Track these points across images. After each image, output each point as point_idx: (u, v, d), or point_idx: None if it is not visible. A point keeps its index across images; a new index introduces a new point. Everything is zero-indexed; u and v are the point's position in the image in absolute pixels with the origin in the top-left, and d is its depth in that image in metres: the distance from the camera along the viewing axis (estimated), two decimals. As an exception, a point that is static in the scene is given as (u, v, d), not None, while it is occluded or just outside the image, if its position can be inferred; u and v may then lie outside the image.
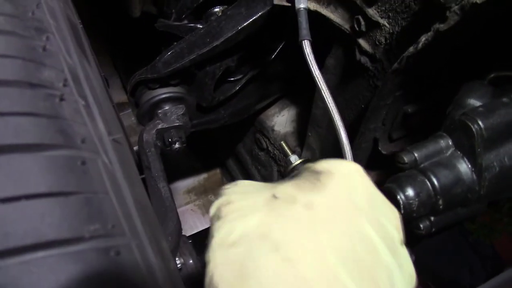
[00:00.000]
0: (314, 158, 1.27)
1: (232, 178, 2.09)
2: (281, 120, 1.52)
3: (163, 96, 1.10)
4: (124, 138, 0.48)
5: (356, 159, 0.97)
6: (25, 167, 0.34)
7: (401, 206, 0.56)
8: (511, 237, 4.19)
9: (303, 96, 1.45)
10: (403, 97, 0.88)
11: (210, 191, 2.26)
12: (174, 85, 1.12)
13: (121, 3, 1.25)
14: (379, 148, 0.99)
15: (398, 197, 0.56)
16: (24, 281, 0.30)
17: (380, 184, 1.02)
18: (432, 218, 0.59)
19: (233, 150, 1.86)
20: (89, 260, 0.32)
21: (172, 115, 1.10)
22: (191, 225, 2.16)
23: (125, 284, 0.33)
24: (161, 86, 1.11)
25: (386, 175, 1.04)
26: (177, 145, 1.08)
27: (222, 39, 1.03)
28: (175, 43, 1.10)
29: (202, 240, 1.05)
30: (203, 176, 2.21)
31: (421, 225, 0.59)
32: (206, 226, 2.11)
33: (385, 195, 0.59)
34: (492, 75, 0.69)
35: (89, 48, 0.53)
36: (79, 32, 0.53)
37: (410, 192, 0.56)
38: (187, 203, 2.21)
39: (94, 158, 0.39)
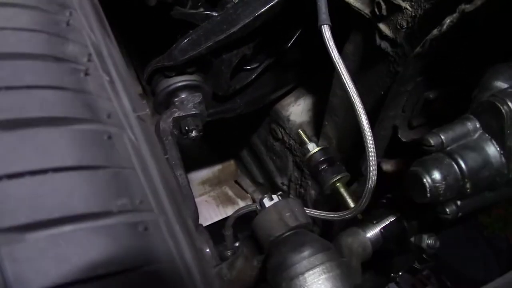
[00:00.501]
0: (331, 147, 1.26)
1: (246, 170, 2.09)
2: (297, 109, 1.51)
3: (180, 84, 1.09)
4: (148, 116, 0.48)
5: (375, 146, 0.96)
6: (51, 140, 0.33)
7: (428, 190, 0.55)
8: (526, 230, 4.13)
9: (319, 85, 1.44)
10: (424, 83, 0.87)
11: (225, 183, 2.26)
12: (191, 73, 1.12)
13: (136, -8, 1.24)
14: (399, 136, 0.97)
15: (425, 180, 0.55)
16: (51, 254, 0.29)
17: (399, 173, 1.01)
18: (458, 203, 0.57)
19: (247, 141, 1.85)
20: (118, 235, 0.32)
21: (189, 103, 1.10)
22: (206, 216, 2.16)
23: (153, 259, 0.33)
24: (178, 74, 1.10)
25: (405, 163, 1.02)
26: (194, 133, 1.08)
27: (239, 26, 1.02)
28: (191, 31, 1.09)
29: (216, 231, 1.05)
30: (217, 168, 2.21)
31: (448, 210, 0.58)
32: (221, 217, 2.11)
33: (411, 179, 0.58)
34: (519, 58, 0.67)
35: (109, 27, 0.52)
36: (100, 10, 0.53)
37: (436, 175, 0.55)
38: (202, 194, 2.21)
39: (120, 133, 0.38)
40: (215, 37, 1.03)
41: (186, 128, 1.08)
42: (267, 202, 0.66)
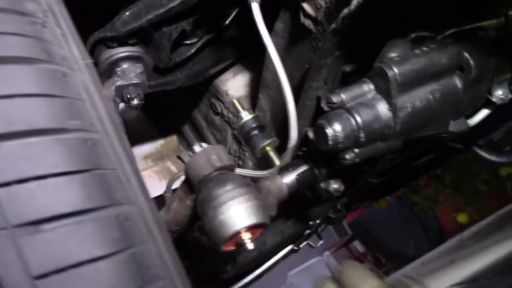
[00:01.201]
0: (266, 119, 1.36)
1: (188, 144, 2.15)
2: (235, 84, 1.60)
3: (122, 54, 1.15)
4: (93, 65, 0.56)
5: (300, 116, 1.08)
6: (17, 73, 0.41)
7: (329, 138, 0.67)
8: (452, 208, 4.48)
9: (257, 61, 1.53)
10: (342, 57, 0.99)
11: (167, 158, 2.31)
12: (132, 45, 1.18)
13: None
14: (321, 105, 1.09)
15: (327, 130, 0.67)
16: (23, 155, 0.38)
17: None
18: (356, 150, 0.70)
19: (189, 116, 1.91)
20: (73, 146, 0.41)
21: (131, 73, 1.16)
22: (149, 191, 2.20)
23: (100, 165, 0.42)
24: (120, 45, 1.16)
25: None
26: (135, 101, 1.15)
27: (178, 1, 1.09)
28: (132, 4, 1.15)
29: (159, 205, 1.13)
30: (159, 143, 2.24)
31: (347, 156, 0.70)
32: (163, 192, 2.16)
33: (317, 130, 0.70)
34: (412, 35, 0.80)
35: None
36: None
37: (336, 126, 0.67)
38: (144, 169, 2.25)
39: (72, 73, 0.46)
40: (155, 10, 1.10)
41: (128, 96, 1.15)
42: (197, 149, 0.76)
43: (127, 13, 1.09)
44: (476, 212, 3.94)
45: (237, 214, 0.62)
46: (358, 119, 0.67)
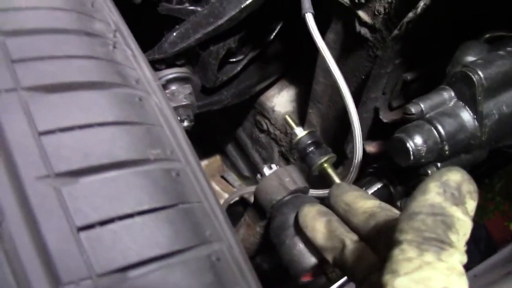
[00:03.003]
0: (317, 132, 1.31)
1: (232, 164, 2.12)
2: (281, 100, 1.56)
3: (171, 76, 1.13)
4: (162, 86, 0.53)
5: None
6: (93, 100, 0.38)
7: (411, 153, 0.61)
8: (503, 216, 4.28)
9: (302, 76, 1.49)
10: (403, 65, 0.93)
11: (211, 178, 2.29)
12: (180, 66, 1.16)
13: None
14: (380, 117, 1.03)
15: (408, 144, 0.61)
16: (103, 193, 0.34)
17: (382, 153, 1.07)
18: (438, 165, 0.64)
19: (232, 135, 1.89)
20: (156, 178, 0.37)
21: (180, 95, 1.14)
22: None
23: (185, 199, 0.38)
24: (168, 67, 1.14)
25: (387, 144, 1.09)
26: (185, 123, 1.12)
27: (225, 18, 1.07)
28: (178, 26, 1.13)
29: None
30: (203, 163, 2.23)
31: (429, 171, 0.64)
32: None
33: (395, 144, 0.64)
34: (487, 35, 0.74)
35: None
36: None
37: (418, 139, 0.61)
38: (189, 191, 2.22)
39: (147, 96, 0.43)
40: (202, 29, 1.08)
41: (178, 118, 1.12)
42: (267, 171, 0.71)
43: (174, 34, 1.08)
44: (529, 220, 3.73)
45: (318, 241, 0.57)
46: (441, 130, 0.61)
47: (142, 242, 0.33)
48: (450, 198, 0.38)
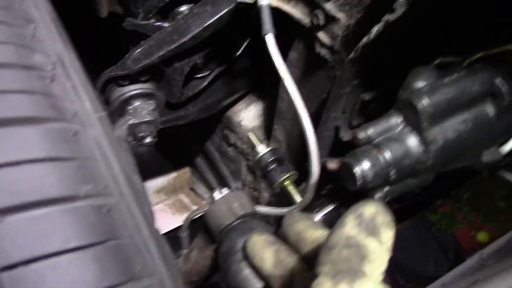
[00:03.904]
0: (281, 149, 1.32)
1: (201, 176, 2.12)
2: (248, 115, 1.57)
3: (134, 92, 1.13)
4: (106, 117, 0.52)
5: (319, 147, 1.04)
6: (24, 136, 0.38)
7: (357, 178, 0.62)
8: (471, 226, 4.37)
9: (269, 91, 1.50)
10: (361, 86, 0.95)
11: (180, 190, 2.28)
12: (144, 82, 1.16)
13: (88, 3, 1.27)
14: (340, 136, 1.05)
15: (355, 169, 0.62)
16: (29, 232, 0.34)
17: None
18: (385, 189, 0.65)
19: (201, 148, 1.89)
20: (85, 215, 0.37)
21: (143, 111, 1.14)
22: (162, 225, 2.16)
23: (115, 235, 0.38)
24: (131, 83, 1.14)
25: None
26: (148, 140, 1.12)
27: (189, 36, 1.07)
28: (143, 41, 1.13)
29: (173, 238, 1.09)
30: (172, 176, 2.22)
31: (376, 196, 0.65)
32: (177, 225, 2.13)
33: (343, 169, 0.66)
34: (437, 61, 0.76)
35: (68, 37, 0.57)
36: (59, 23, 0.57)
37: (365, 165, 0.62)
38: (158, 203, 2.22)
39: (84, 130, 0.43)
40: (166, 46, 1.08)
41: (141, 135, 1.12)
42: (217, 196, 0.71)
43: (138, 51, 1.07)
44: (496, 230, 3.82)
45: (265, 267, 0.58)
46: (388, 155, 0.63)
47: (67, 281, 0.33)
48: (365, 230, 0.40)
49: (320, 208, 0.81)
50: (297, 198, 0.98)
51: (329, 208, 0.80)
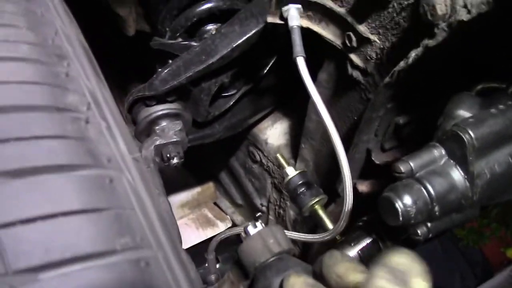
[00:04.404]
0: (308, 170, 1.30)
1: (225, 191, 2.11)
2: (274, 132, 1.55)
3: (161, 112, 1.12)
4: (141, 156, 0.51)
5: (350, 169, 1.01)
6: (59, 186, 0.36)
7: (400, 214, 0.59)
8: (499, 242, 4.25)
9: (295, 109, 1.48)
10: (395, 109, 0.92)
11: (204, 205, 2.27)
12: (171, 102, 1.15)
13: (115, 23, 1.27)
14: (373, 158, 1.02)
15: (397, 205, 0.59)
16: (64, 292, 0.32)
17: (374, 193, 1.06)
18: (429, 224, 0.62)
19: (226, 163, 1.88)
20: (122, 271, 0.35)
21: (170, 131, 1.12)
22: (186, 239, 2.16)
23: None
24: (158, 103, 1.13)
25: (379, 184, 1.07)
26: (175, 161, 1.11)
27: (217, 57, 1.06)
28: (170, 61, 1.13)
29: (197, 253, 1.07)
30: (196, 190, 2.22)
31: (419, 231, 0.62)
32: (200, 240, 2.12)
33: (383, 203, 0.62)
34: (479, 87, 0.73)
35: (100, 71, 0.55)
36: (92, 57, 0.56)
37: (407, 200, 0.59)
38: (181, 217, 2.22)
39: (120, 176, 0.41)
40: (194, 67, 1.07)
41: (168, 155, 1.11)
42: (251, 230, 0.69)
43: (165, 71, 1.07)
44: (526, 246, 3.70)
45: (302, 309, 0.55)
46: (431, 190, 0.59)
47: None
48: (397, 282, 0.37)
49: (357, 241, 0.77)
50: (329, 224, 0.95)
51: (366, 241, 0.77)
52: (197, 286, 0.41)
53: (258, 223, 0.70)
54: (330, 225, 0.95)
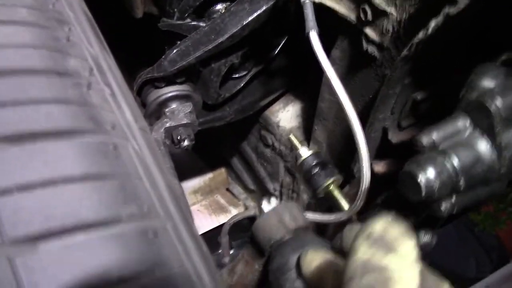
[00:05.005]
0: (322, 152, 1.27)
1: (237, 177, 2.10)
2: (286, 115, 1.52)
3: (170, 94, 1.10)
4: (148, 127, 0.48)
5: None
6: (59, 152, 0.34)
7: (422, 188, 0.56)
8: (517, 227, 4.17)
9: (307, 90, 1.45)
10: (412, 84, 0.89)
11: (216, 191, 2.26)
12: (180, 83, 1.13)
13: (122, 4, 1.25)
14: (389, 138, 0.99)
15: (419, 179, 0.56)
16: (65, 262, 0.30)
17: (390, 173, 1.02)
18: (452, 199, 0.59)
19: (237, 148, 1.86)
20: (129, 242, 0.32)
21: (180, 113, 1.10)
22: (198, 225, 2.15)
23: (164, 264, 0.33)
24: (168, 85, 1.11)
25: (395, 164, 1.04)
26: (186, 143, 1.09)
27: (227, 36, 1.03)
28: (179, 42, 1.10)
29: (210, 239, 1.05)
30: (208, 176, 2.20)
31: (442, 207, 0.59)
32: (213, 226, 2.11)
33: (405, 178, 0.60)
34: (503, 57, 0.69)
35: (104, 39, 0.53)
36: (95, 24, 0.53)
37: (430, 173, 0.56)
38: (194, 204, 2.21)
39: (125, 143, 0.39)
40: (203, 47, 1.04)
41: (178, 138, 1.08)
42: (266, 207, 0.67)
43: (174, 52, 1.04)
44: (543, 231, 3.64)
45: None
46: (456, 162, 0.56)
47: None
48: (380, 248, 0.35)
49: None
50: (344, 204, 0.92)
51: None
52: (210, 261, 0.39)
53: (273, 200, 0.68)
54: (345, 206, 0.92)
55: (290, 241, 0.60)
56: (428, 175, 0.56)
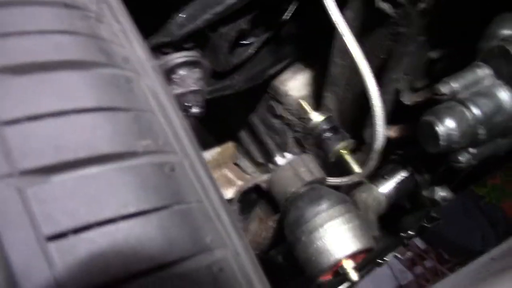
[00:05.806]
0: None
1: (245, 151, 2.08)
2: (295, 84, 1.50)
3: (178, 60, 1.07)
4: (158, 66, 0.47)
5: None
6: (70, 83, 0.32)
7: (440, 138, 0.54)
8: (522, 199, 4.14)
9: (317, 59, 1.43)
10: (427, 42, 0.86)
11: (224, 165, 2.25)
12: (188, 49, 1.10)
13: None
14: (401, 99, 0.97)
15: (437, 128, 0.54)
16: (80, 194, 0.29)
17: (403, 138, 1.01)
18: (472, 150, 0.57)
19: (245, 121, 1.84)
20: (146, 174, 0.31)
21: (189, 80, 1.08)
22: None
23: (182, 199, 0.32)
24: (175, 51, 1.09)
25: (409, 128, 1.02)
26: (195, 109, 1.07)
27: (236, -4, 1.01)
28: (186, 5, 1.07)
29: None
30: (216, 151, 2.19)
31: (461, 158, 0.57)
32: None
33: (423, 128, 0.58)
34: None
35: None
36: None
37: (449, 123, 0.54)
38: (202, 178, 2.19)
39: (137, 77, 0.37)
40: (211, 9, 1.02)
41: (187, 104, 1.07)
42: (280, 160, 0.65)
43: (181, 15, 1.02)
44: (551, 204, 3.62)
45: (338, 238, 0.51)
46: (476, 111, 0.54)
47: (127, 254, 0.27)
48: None
49: (391, 174, 0.73)
50: (356, 168, 0.91)
51: (402, 175, 0.72)
52: (226, 202, 0.38)
53: (286, 153, 0.66)
54: (357, 169, 0.91)
55: (305, 193, 0.59)
56: (446, 124, 0.54)
